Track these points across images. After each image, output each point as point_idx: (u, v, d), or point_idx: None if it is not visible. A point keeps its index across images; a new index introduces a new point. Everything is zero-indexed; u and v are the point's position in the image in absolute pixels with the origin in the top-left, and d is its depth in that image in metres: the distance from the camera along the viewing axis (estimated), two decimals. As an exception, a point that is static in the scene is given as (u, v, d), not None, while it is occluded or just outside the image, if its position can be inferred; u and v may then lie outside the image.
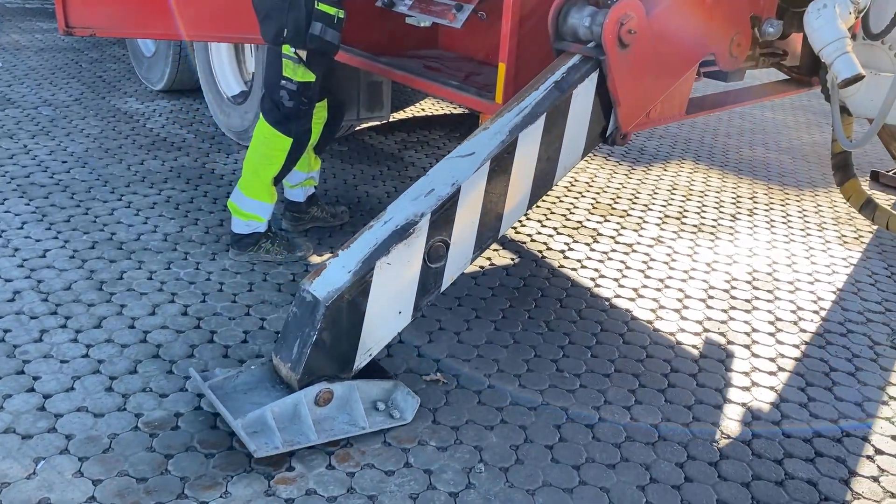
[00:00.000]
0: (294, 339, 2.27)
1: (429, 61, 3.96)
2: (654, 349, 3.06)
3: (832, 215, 4.75)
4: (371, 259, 2.29)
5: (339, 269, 2.29)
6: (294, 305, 2.32)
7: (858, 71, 2.57)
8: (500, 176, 2.53)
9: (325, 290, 2.25)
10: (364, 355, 2.37)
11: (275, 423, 2.21)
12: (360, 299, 2.28)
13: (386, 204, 4.32)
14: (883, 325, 3.43)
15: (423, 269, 2.40)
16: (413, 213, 2.38)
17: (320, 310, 2.21)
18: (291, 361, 2.28)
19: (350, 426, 2.32)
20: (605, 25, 2.53)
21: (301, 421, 2.26)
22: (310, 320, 2.24)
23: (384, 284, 2.31)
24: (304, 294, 2.29)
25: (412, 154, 5.12)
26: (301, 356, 2.25)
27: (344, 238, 3.70)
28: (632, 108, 2.76)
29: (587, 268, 3.70)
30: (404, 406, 2.43)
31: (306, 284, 2.30)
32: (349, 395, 2.35)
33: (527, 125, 2.53)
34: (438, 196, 2.42)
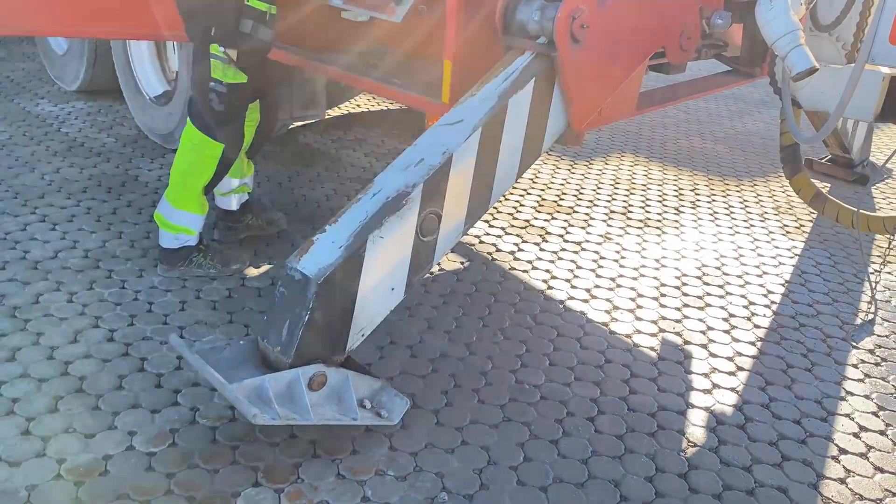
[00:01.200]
0: (283, 321, 2.12)
1: (367, 57, 3.77)
2: (612, 353, 2.96)
3: (772, 205, 4.78)
4: (363, 233, 2.15)
5: (329, 245, 2.15)
6: (280, 286, 2.16)
7: (813, 64, 2.51)
8: (491, 144, 2.42)
9: (315, 267, 2.10)
10: (357, 335, 2.24)
11: (272, 396, 2.04)
12: (353, 276, 2.15)
13: (326, 207, 4.14)
14: (832, 316, 3.43)
15: (416, 243, 2.28)
16: (404, 183, 2.25)
17: (311, 288, 2.07)
18: (281, 344, 2.12)
19: (341, 415, 2.17)
20: (557, 20, 2.40)
21: (296, 400, 2.11)
22: (300, 300, 2.09)
23: (377, 260, 2.18)
24: (292, 272, 2.14)
25: (350, 154, 4.91)
26: (292, 338, 2.10)
27: (283, 247, 3.50)
28: (585, 106, 2.64)
29: (538, 269, 3.59)
30: (391, 407, 2.29)
31: (293, 262, 2.15)
32: (342, 385, 2.19)
33: (516, 90, 2.41)
34: (429, 166, 2.28)
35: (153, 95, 4.60)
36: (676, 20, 2.82)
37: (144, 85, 4.63)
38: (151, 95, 4.61)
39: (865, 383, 2.94)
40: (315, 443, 2.30)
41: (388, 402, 2.31)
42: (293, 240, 3.61)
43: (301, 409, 2.11)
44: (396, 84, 3.06)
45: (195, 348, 2.20)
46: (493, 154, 2.45)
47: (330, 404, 2.18)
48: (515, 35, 2.60)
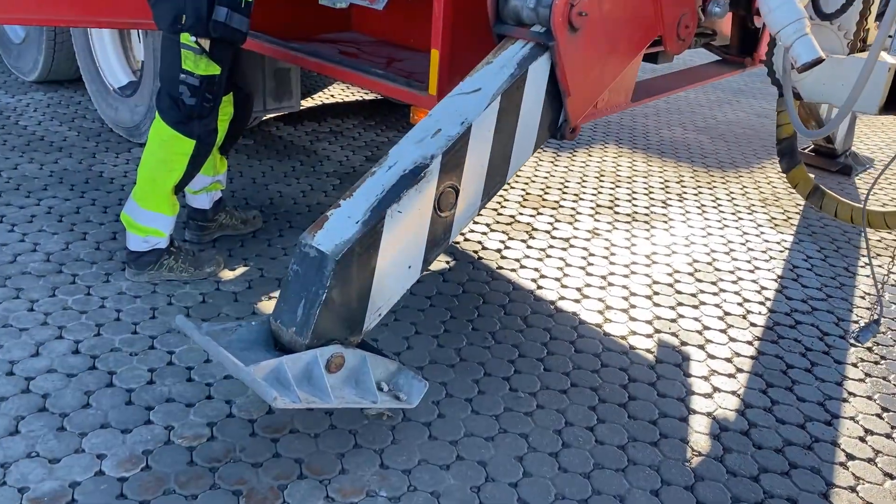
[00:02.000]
0: (297, 300, 2.03)
1: (344, 46, 3.60)
2: (608, 357, 2.84)
3: (759, 197, 4.70)
4: (381, 207, 2.05)
5: (345, 220, 2.05)
6: (294, 263, 2.06)
7: (819, 54, 2.40)
8: (510, 114, 2.31)
9: (331, 242, 2.00)
10: (373, 315, 2.15)
11: (291, 378, 1.94)
12: (371, 252, 2.06)
13: (302, 204, 3.96)
14: (827, 312, 3.35)
15: (433, 219, 2.19)
16: (421, 155, 2.14)
17: (329, 265, 1.98)
18: (296, 325, 2.03)
19: (360, 398, 2.08)
20: (555, 7, 2.25)
21: (314, 382, 2.01)
22: (316, 277, 2.00)
23: (394, 235, 2.10)
24: (307, 249, 2.04)
25: (325, 146, 4.73)
26: (308, 318, 2.00)
27: (259, 247, 3.32)
28: (582, 99, 2.50)
29: (527, 267, 3.45)
30: (409, 390, 2.18)
31: (308, 238, 2.05)
32: (359, 366, 2.10)
33: (535, 57, 2.30)
34: (448, 136, 2.17)
35: (117, 86, 4.37)
36: (674, 8, 2.69)
37: (108, 75, 4.40)
38: (116, 86, 4.37)
39: (867, 383, 2.86)
40: (301, 462, 2.15)
41: (406, 384, 2.20)
42: (269, 239, 3.43)
43: (320, 391, 2.01)
44: (379, 75, 2.89)
45: (204, 329, 2.07)
46: (511, 125, 2.34)
47: (348, 387, 2.10)
48: (508, 23, 2.45)
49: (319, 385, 2.01)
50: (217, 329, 2.09)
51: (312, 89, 5.77)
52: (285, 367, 1.97)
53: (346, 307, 2.07)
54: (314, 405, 1.98)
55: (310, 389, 1.99)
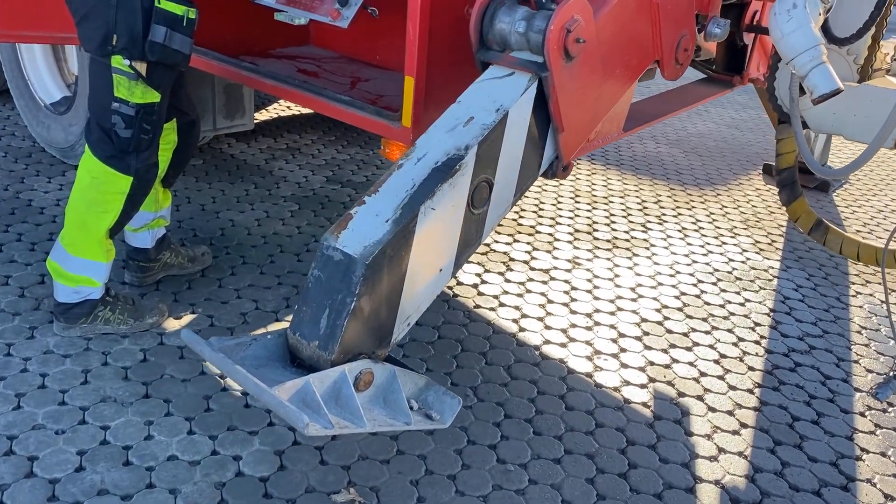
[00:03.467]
0: (320, 310, 1.80)
1: (302, 63, 3.26)
2: (602, 414, 2.57)
3: (740, 217, 4.50)
4: (413, 204, 1.85)
5: (372, 219, 1.85)
6: (316, 268, 1.84)
7: (838, 85, 2.16)
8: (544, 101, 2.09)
9: (359, 244, 1.80)
10: (403, 325, 1.94)
11: (320, 399, 1.69)
12: (402, 255, 1.86)
13: (258, 234, 3.60)
14: (826, 351, 3.14)
15: (466, 216, 2.00)
16: (454, 146, 1.94)
17: (357, 270, 1.77)
18: (320, 338, 1.79)
19: (393, 419, 1.85)
20: (550, 33, 1.96)
21: (343, 403, 1.76)
22: (343, 284, 1.78)
23: (426, 235, 1.89)
24: (331, 252, 1.82)
25: (282, 166, 4.37)
26: (334, 330, 1.77)
27: (209, 288, 2.97)
28: (576, 134, 2.22)
29: (506, 305, 3.16)
30: (440, 407, 1.94)
31: (331, 241, 1.83)
32: (389, 383, 1.87)
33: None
34: (483, 125, 1.96)
35: (49, 102, 3.95)
36: (673, 29, 2.43)
37: (38, 90, 3.98)
38: (47, 102, 3.96)
39: (878, 436, 2.64)
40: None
41: (437, 401, 1.95)
42: (220, 279, 3.08)
43: (352, 414, 1.75)
44: (345, 101, 2.56)
45: (216, 346, 1.81)
46: (545, 111, 2.11)
47: (377, 406, 1.88)
48: (493, 49, 2.15)
49: (350, 407, 1.75)
50: (230, 344, 1.84)
51: (266, 101, 5.39)
52: (312, 387, 1.71)
53: (375, 317, 1.85)
54: (347, 431, 1.73)
55: (339, 412, 1.75)
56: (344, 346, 1.78)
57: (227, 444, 2.22)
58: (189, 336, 1.86)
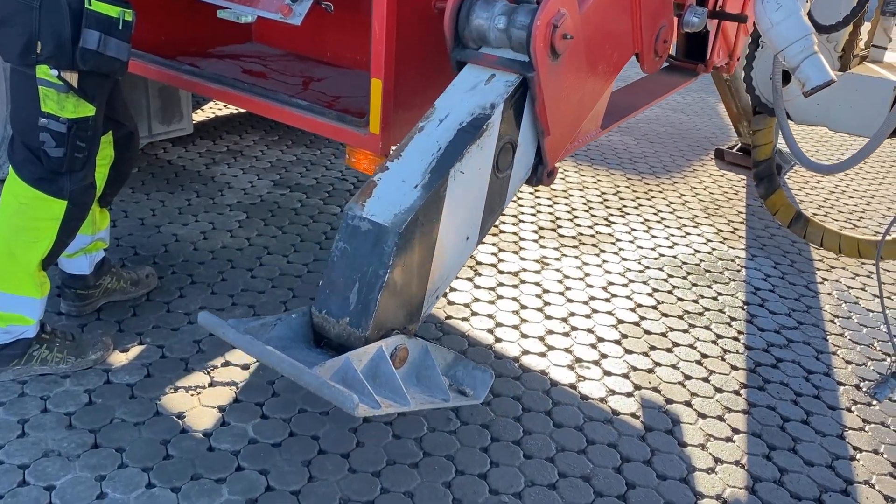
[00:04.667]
0: (349, 285, 1.72)
1: (248, 62, 3.00)
2: (592, 430, 2.43)
3: (700, 206, 4.43)
4: (442, 167, 1.77)
5: (399, 185, 1.76)
6: (340, 241, 1.75)
7: (831, 76, 2.05)
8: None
9: (390, 213, 1.71)
10: (432, 298, 1.87)
11: (363, 378, 1.60)
12: (434, 222, 1.78)
13: (204, 250, 3.32)
14: (804, 343, 3.08)
15: (492, 180, 1.92)
16: (479, 105, 1.85)
17: (389, 239, 1.68)
18: (350, 314, 1.70)
19: (431, 397, 1.77)
20: (535, 30, 1.79)
21: (382, 381, 1.68)
22: (374, 255, 1.70)
23: (455, 201, 1.81)
24: (357, 223, 1.73)
25: (224, 170, 4.09)
26: (367, 304, 1.69)
27: (155, 314, 2.71)
28: (561, 136, 2.05)
29: (479, 314, 3.00)
30: (472, 382, 1.87)
31: (356, 210, 1.74)
32: (422, 359, 1.79)
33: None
34: (507, 81, 1.88)
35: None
36: (653, 20, 2.29)
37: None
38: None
39: (867, 432, 2.59)
40: None
41: (467, 376, 1.88)
42: (168, 302, 2.81)
43: (394, 392, 1.65)
44: (302, 106, 2.33)
45: (242, 327, 1.68)
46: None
47: (411, 384, 1.79)
48: (470, 46, 1.96)
49: (391, 385, 1.66)
50: (256, 325, 1.72)
51: (202, 100, 5.07)
52: (353, 365, 1.61)
53: (407, 289, 1.76)
54: (392, 410, 1.63)
55: (380, 391, 1.64)
56: (378, 321, 1.69)
57: (193, 496, 1.99)
58: (209, 319, 1.72)
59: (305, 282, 3.08)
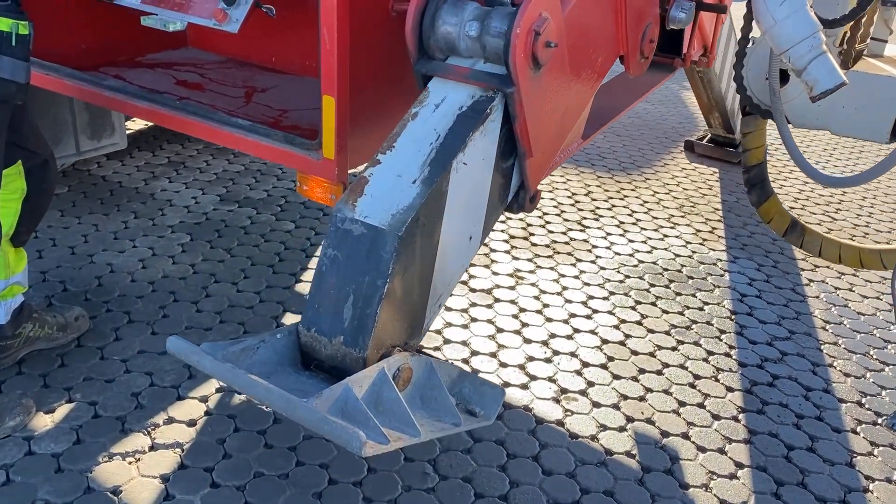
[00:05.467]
0: (343, 299, 1.50)
1: (181, 72, 2.67)
2: (585, 475, 2.19)
3: (674, 204, 4.23)
4: (442, 159, 1.55)
5: (395, 180, 1.54)
6: (329, 247, 1.53)
7: (843, 79, 1.83)
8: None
9: (385, 213, 1.50)
10: (434, 308, 1.67)
11: (366, 408, 1.37)
12: (436, 222, 1.56)
13: (143, 281, 2.95)
14: (798, 356, 2.89)
15: (496, 170, 1.70)
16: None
17: (388, 244, 1.48)
18: (344, 332, 1.49)
19: (438, 421, 1.54)
20: (515, 38, 1.51)
21: (388, 409, 1.44)
22: (371, 264, 1.49)
23: (458, 196, 1.60)
24: (349, 226, 1.51)
25: (165, 185, 3.75)
26: (364, 321, 1.47)
27: (86, 364, 2.40)
28: (544, 156, 1.79)
29: (453, 342, 2.73)
30: (481, 400, 1.65)
31: (346, 212, 1.53)
32: (427, 379, 1.56)
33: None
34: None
35: None
36: (638, 19, 2.03)
37: None
38: None
39: (877, 456, 2.40)
40: None
41: (475, 394, 1.66)
42: (102, 348, 2.49)
43: (401, 421, 1.42)
44: (244, 127, 2.02)
45: (220, 353, 1.44)
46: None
47: (416, 407, 1.55)
48: (437, 57, 1.68)
49: (396, 413, 1.42)
50: (236, 350, 1.47)
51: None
52: (353, 393, 1.37)
53: (408, 300, 1.55)
54: (402, 444, 1.40)
55: (385, 420, 1.40)
56: (377, 339, 1.47)
57: None
58: (179, 345, 1.47)
59: (258, 313, 2.78)
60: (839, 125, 2.17)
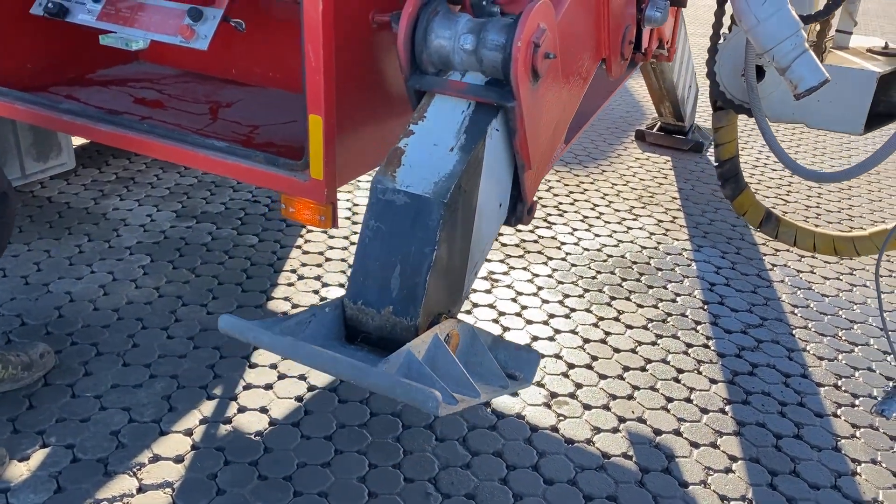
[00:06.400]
0: (390, 269, 1.52)
1: (137, 89, 2.55)
2: (585, 481, 2.18)
3: (634, 195, 4.27)
4: (479, 124, 1.56)
5: (433, 149, 1.55)
6: (371, 219, 1.53)
7: (826, 75, 1.84)
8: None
9: (429, 182, 1.51)
10: (471, 275, 1.71)
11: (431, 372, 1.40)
12: (474, 189, 1.58)
13: (107, 309, 2.80)
14: (773, 343, 2.94)
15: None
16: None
17: (435, 212, 1.48)
18: (393, 302, 1.51)
19: (489, 384, 1.59)
20: (517, 51, 1.47)
21: (446, 373, 1.46)
22: (416, 231, 1.49)
23: (491, 163, 1.61)
24: (391, 197, 1.52)
25: (117, 203, 3.58)
26: (413, 290, 1.49)
27: (57, 403, 2.27)
28: (540, 167, 1.76)
29: (435, 354, 2.68)
30: (518, 364, 1.71)
31: (387, 182, 1.53)
32: (471, 344, 1.63)
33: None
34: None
35: None
36: (619, 21, 2.01)
37: None
38: None
39: (860, 439, 2.46)
40: None
41: (512, 358, 1.71)
42: (72, 384, 2.36)
43: (459, 384, 1.46)
44: (221, 149, 1.93)
45: (276, 328, 1.44)
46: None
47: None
48: (429, 72, 1.63)
49: (453, 376, 1.45)
50: (291, 325, 1.49)
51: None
52: (416, 358, 1.40)
53: (451, 266, 1.57)
54: (467, 405, 1.45)
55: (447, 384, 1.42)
56: (427, 307, 1.49)
57: None
58: (233, 323, 1.46)
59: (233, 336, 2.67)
60: (814, 119, 2.20)
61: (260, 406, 2.34)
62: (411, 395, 1.29)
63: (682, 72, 4.55)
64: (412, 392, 1.28)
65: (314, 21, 1.61)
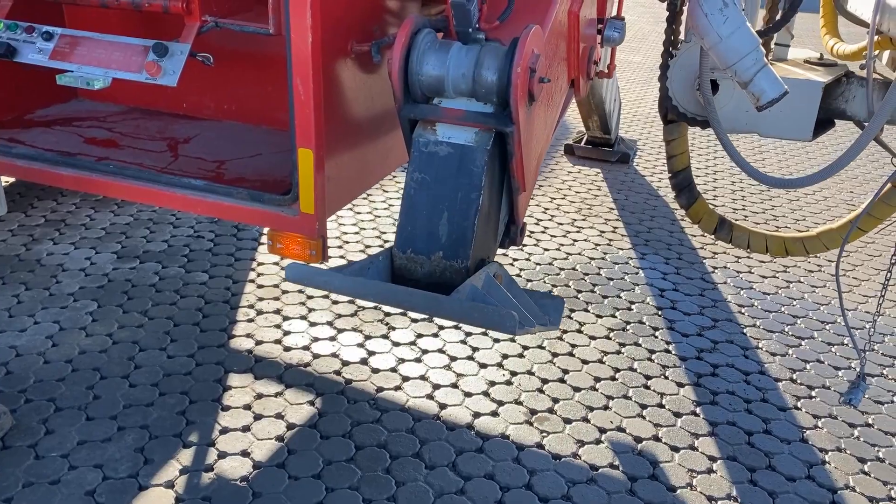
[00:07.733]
0: (437, 216, 1.56)
1: (85, 128, 2.43)
2: (580, 496, 2.21)
3: (573, 208, 4.37)
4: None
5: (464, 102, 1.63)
6: (416, 170, 1.58)
7: (785, 87, 1.95)
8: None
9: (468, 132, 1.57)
10: (502, 224, 1.76)
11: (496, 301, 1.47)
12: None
13: (58, 361, 2.62)
14: (728, 343, 3.07)
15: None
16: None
17: (479, 158, 1.55)
18: (443, 247, 1.55)
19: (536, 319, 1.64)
20: (516, 77, 1.49)
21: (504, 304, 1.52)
22: (463, 179, 1.54)
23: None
24: (434, 149, 1.57)
25: (51, 248, 3.39)
26: (464, 233, 1.54)
27: (22, 466, 2.13)
28: (531, 187, 1.78)
29: (412, 378, 2.66)
30: (545, 308, 1.79)
31: (429, 135, 1.58)
32: (510, 285, 1.68)
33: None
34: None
35: None
36: (585, 44, 2.07)
37: None
38: None
39: (822, 429, 2.59)
40: None
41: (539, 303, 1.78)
42: (34, 445, 2.21)
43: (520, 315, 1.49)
44: (199, 188, 1.86)
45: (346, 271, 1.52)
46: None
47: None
48: (422, 101, 1.62)
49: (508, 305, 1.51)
50: (355, 269, 1.55)
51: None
52: (480, 291, 1.48)
53: (491, 212, 1.64)
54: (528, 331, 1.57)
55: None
56: (476, 249, 1.54)
57: None
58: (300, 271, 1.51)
59: (199, 379, 2.57)
60: (766, 128, 2.32)
61: (241, 449, 2.26)
62: (489, 316, 1.35)
63: (609, 87, 4.70)
64: (489, 314, 1.34)
65: (303, 55, 1.58)
